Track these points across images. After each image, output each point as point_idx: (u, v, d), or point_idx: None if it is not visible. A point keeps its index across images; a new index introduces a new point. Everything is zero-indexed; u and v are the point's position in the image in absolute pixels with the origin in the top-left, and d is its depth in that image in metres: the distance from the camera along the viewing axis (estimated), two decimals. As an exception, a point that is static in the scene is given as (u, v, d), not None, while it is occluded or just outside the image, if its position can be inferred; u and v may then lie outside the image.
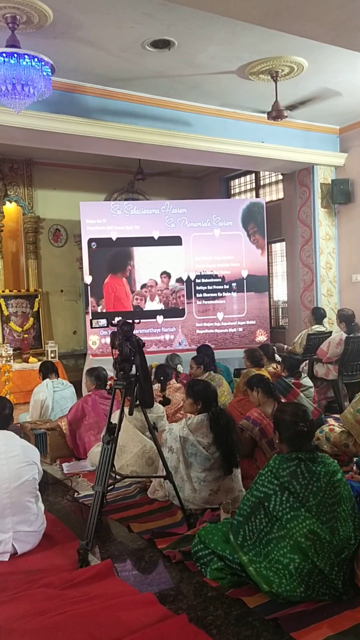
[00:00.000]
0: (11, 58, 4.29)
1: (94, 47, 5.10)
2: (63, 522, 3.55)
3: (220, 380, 5.80)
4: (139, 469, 4.11)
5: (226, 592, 2.59)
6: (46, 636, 2.30)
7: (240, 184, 10.26)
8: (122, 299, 8.07)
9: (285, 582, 2.45)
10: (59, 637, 2.30)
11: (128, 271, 8.06)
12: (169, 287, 8.11)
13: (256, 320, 8.36)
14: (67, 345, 9.16)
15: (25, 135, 6.02)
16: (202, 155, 7.13)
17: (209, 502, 3.52)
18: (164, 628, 2.33)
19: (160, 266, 8.12)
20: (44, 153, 8.14)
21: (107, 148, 6.75)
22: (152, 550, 3.09)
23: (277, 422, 2.81)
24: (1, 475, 3.01)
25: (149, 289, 8.12)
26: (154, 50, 5.21)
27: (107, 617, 2.41)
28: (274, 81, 5.88)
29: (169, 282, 8.10)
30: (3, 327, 8.45)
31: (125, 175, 9.48)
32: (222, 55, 5.37)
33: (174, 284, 8.12)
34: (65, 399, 5.56)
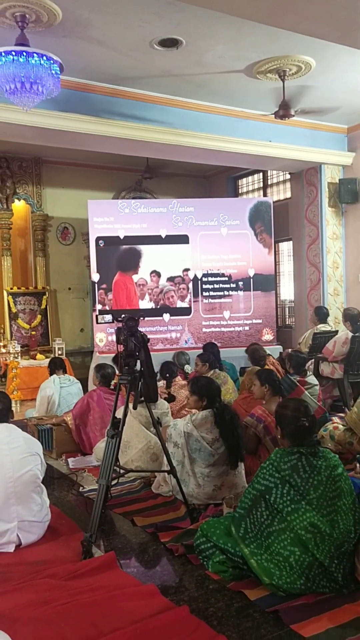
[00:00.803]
0: (20, 56, 4.33)
1: (103, 46, 5.14)
2: (68, 515, 3.59)
3: (225, 378, 5.82)
4: (144, 465, 4.14)
5: (227, 584, 2.61)
6: (50, 625, 2.33)
7: (247, 183, 10.27)
8: (132, 297, 8.11)
9: (286, 574, 2.48)
10: (62, 626, 2.33)
11: (139, 269, 8.10)
12: (158, 286, 8.12)
13: (262, 319, 8.37)
14: (74, 343, 9.22)
15: (34, 133, 6.07)
16: (209, 154, 7.15)
17: (213, 497, 3.55)
18: (165, 619, 2.35)
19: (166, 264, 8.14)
20: (52, 151, 8.21)
21: (115, 146, 6.79)
22: (155, 543, 3.12)
23: (279, 417, 2.84)
24: (5, 465, 3.07)
25: (140, 288, 8.16)
26: (162, 49, 5.24)
27: (109, 607, 2.44)
28: (281, 80, 5.90)
29: (159, 281, 8.13)
30: (11, 324, 8.51)
31: (133, 173, 9.53)
32: (230, 54, 5.40)
33: (164, 282, 8.13)
34: (71, 395, 5.61)
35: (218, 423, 3.61)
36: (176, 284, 8.17)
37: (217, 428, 3.60)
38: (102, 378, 5.05)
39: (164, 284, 8.15)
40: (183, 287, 8.19)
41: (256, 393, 4.31)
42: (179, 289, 8.18)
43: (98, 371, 5.11)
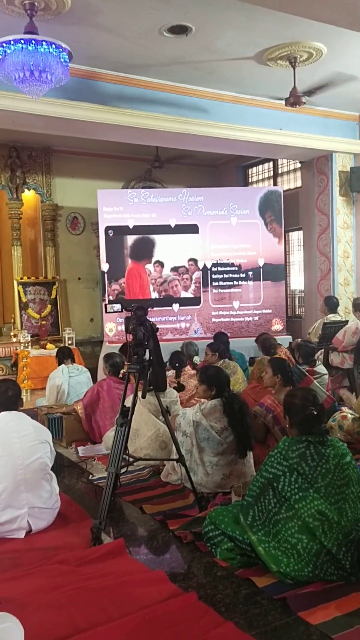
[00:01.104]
0: (29, 45, 4.31)
1: (112, 33, 5.10)
2: (77, 502, 3.62)
3: (235, 367, 5.83)
4: (153, 453, 4.16)
5: (235, 572, 2.63)
6: (60, 610, 2.37)
7: (258, 172, 10.20)
8: (145, 286, 8.11)
9: (294, 561, 2.49)
10: (72, 611, 2.36)
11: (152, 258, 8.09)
12: (162, 276, 8.11)
13: (272, 309, 8.34)
14: (84, 332, 9.25)
15: (43, 122, 6.06)
16: (219, 142, 7.10)
17: (221, 486, 3.56)
18: (173, 604, 2.38)
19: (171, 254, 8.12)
20: (62, 141, 8.19)
21: (124, 135, 6.76)
22: (164, 531, 3.15)
23: (287, 406, 2.84)
24: (15, 453, 3.10)
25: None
26: (171, 37, 5.19)
27: (118, 593, 2.47)
28: (292, 67, 5.83)
29: (162, 271, 8.11)
30: (21, 314, 8.55)
31: (143, 163, 9.49)
32: (240, 41, 5.34)
33: (167, 272, 8.12)
34: (80, 384, 5.65)
35: (227, 412, 3.62)
36: (180, 274, 8.15)
37: (225, 417, 3.61)
38: (111, 367, 5.07)
39: (167, 273, 8.14)
40: (186, 278, 8.16)
41: (267, 381, 4.31)
42: (182, 279, 8.16)
43: (107, 361, 5.13)
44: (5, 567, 2.78)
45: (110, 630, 2.21)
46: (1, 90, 5.28)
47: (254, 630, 2.19)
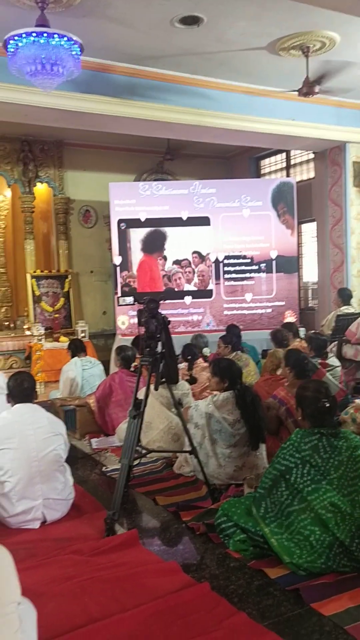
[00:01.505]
0: (41, 37, 4.31)
1: (123, 25, 5.09)
2: (91, 494, 3.65)
3: (247, 360, 5.82)
4: (165, 445, 4.18)
5: (248, 563, 2.64)
6: (73, 600, 2.39)
7: (270, 164, 10.13)
8: (156, 279, 8.11)
9: (306, 553, 2.49)
10: (85, 601, 2.39)
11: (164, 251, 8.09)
12: (164, 269, 8.11)
13: (285, 301, 8.31)
14: (96, 325, 9.29)
15: (55, 115, 6.07)
16: (231, 134, 7.06)
17: (234, 477, 3.57)
18: (186, 595, 2.39)
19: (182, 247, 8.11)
20: (73, 134, 8.19)
21: (136, 128, 6.75)
22: (176, 522, 3.16)
23: (299, 398, 2.83)
24: (29, 445, 3.14)
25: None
26: (183, 27, 5.16)
27: (132, 583, 2.49)
28: (305, 57, 5.77)
29: (165, 264, 8.10)
30: (35, 307, 8.61)
31: (155, 155, 9.47)
32: (252, 31, 5.29)
33: (170, 266, 8.11)
34: (94, 377, 5.68)
35: (239, 404, 3.62)
36: (183, 267, 8.13)
37: (238, 409, 3.61)
38: (122, 360, 5.08)
39: (170, 266, 8.13)
40: (189, 271, 8.14)
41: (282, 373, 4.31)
42: (185, 272, 8.14)
43: (118, 354, 5.15)
44: (20, 557, 2.80)
45: (123, 620, 2.23)
46: (13, 84, 5.28)
47: (267, 621, 2.20)
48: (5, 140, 8.46)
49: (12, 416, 3.22)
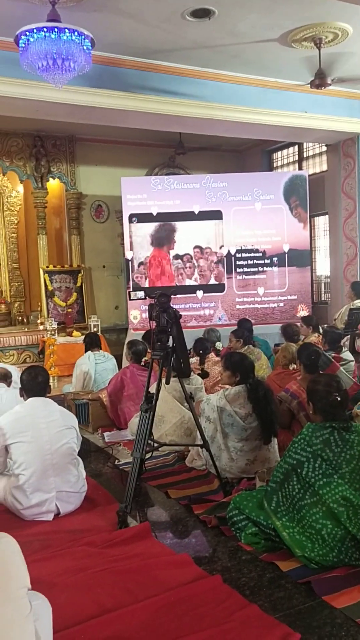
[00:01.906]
0: (52, 32, 4.31)
1: (134, 19, 5.07)
2: (104, 487, 3.68)
3: (259, 354, 5.81)
4: (178, 439, 4.20)
5: (260, 556, 2.65)
6: (86, 591, 2.42)
7: (282, 157, 10.07)
8: (167, 273, 8.11)
9: (318, 547, 2.50)
10: (98, 592, 2.41)
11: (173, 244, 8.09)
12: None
13: (297, 295, 8.28)
14: (109, 320, 9.33)
15: (67, 110, 6.08)
16: (243, 127, 7.03)
17: (246, 471, 3.58)
18: (198, 587, 2.41)
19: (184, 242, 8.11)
20: (85, 129, 8.20)
21: (148, 122, 6.74)
22: (188, 515, 3.18)
23: (310, 392, 2.82)
24: (43, 438, 3.17)
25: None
26: (194, 20, 5.14)
27: (144, 575, 2.51)
28: (317, 48, 5.72)
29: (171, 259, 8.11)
30: (47, 302, 8.66)
31: (166, 149, 9.45)
32: (264, 22, 5.25)
33: (173, 261, 8.10)
34: (107, 371, 5.71)
35: (251, 398, 3.62)
36: (184, 262, 8.12)
37: (250, 403, 3.62)
38: (133, 355, 5.10)
39: (174, 262, 8.14)
40: (190, 266, 8.12)
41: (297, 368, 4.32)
42: (186, 267, 8.13)
43: (130, 348, 5.17)
44: (34, 548, 2.84)
45: (135, 611, 2.25)
46: (25, 80, 5.30)
47: (279, 613, 2.21)
48: (18, 136, 8.50)
49: (25, 410, 3.26)
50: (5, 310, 8.70)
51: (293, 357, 4.87)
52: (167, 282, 8.04)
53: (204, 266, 8.15)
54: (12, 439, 3.15)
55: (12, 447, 3.17)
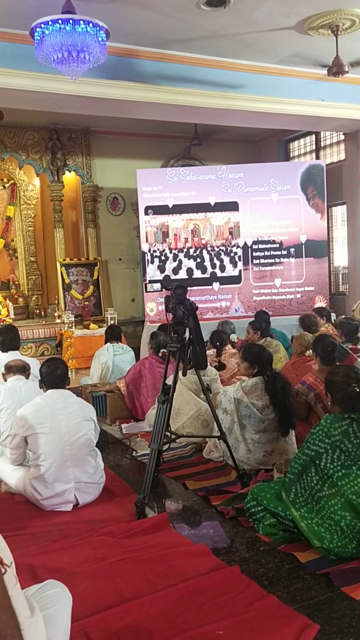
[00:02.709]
0: (67, 24, 4.31)
1: (149, 9, 5.04)
2: (122, 478, 3.71)
3: (277, 346, 5.78)
4: (195, 431, 4.20)
5: (278, 547, 2.65)
6: (106, 580, 2.45)
7: (299, 146, 9.97)
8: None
9: (337, 538, 2.48)
10: (117, 581, 2.44)
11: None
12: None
13: (315, 286, 8.21)
14: (125, 313, 9.36)
15: (82, 103, 6.08)
16: (259, 117, 6.97)
17: (263, 463, 3.57)
18: (216, 577, 2.42)
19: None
20: (101, 121, 8.20)
21: (164, 113, 6.71)
22: (206, 506, 3.19)
23: (328, 383, 2.80)
24: (61, 429, 3.20)
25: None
26: (209, 9, 5.09)
27: (162, 565, 2.53)
28: (334, 35, 5.64)
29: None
30: (65, 295, 8.71)
31: (182, 141, 9.42)
32: (280, 10, 5.19)
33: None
34: (124, 363, 5.74)
35: (269, 390, 3.61)
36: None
37: (267, 395, 3.60)
38: (154, 345, 5.11)
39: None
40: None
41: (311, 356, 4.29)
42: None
43: (153, 338, 5.18)
44: (54, 538, 2.88)
45: (154, 600, 2.27)
46: (40, 72, 5.31)
47: (297, 604, 2.21)
48: (34, 129, 8.54)
49: (44, 402, 3.29)
50: (23, 304, 8.78)
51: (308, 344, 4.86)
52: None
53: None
54: (32, 430, 3.19)
55: (32, 438, 3.20)
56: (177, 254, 8.09)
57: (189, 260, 8.13)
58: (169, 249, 8.01)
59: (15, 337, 4.80)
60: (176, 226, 8.04)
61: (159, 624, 2.12)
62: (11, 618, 0.93)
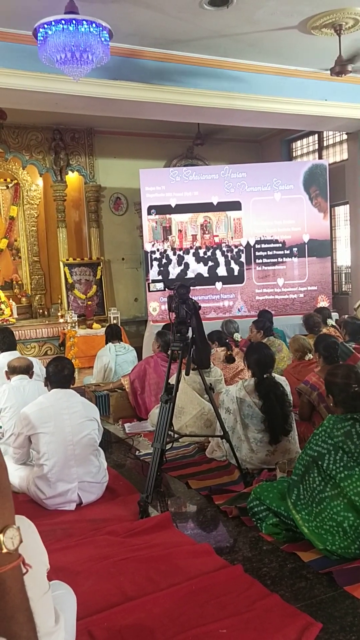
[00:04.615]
0: (70, 25, 4.32)
1: (151, 9, 5.05)
2: (125, 477, 3.72)
3: (280, 345, 5.79)
4: (198, 430, 4.21)
5: (281, 546, 2.65)
6: (109, 579, 2.45)
7: (302, 146, 9.96)
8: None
9: (339, 539, 2.48)
10: (120, 580, 2.45)
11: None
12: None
13: (318, 286, 8.21)
14: (128, 312, 9.37)
15: (85, 103, 6.09)
16: (262, 116, 6.97)
17: (266, 462, 3.58)
18: (220, 576, 2.43)
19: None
20: (104, 121, 8.21)
21: (166, 113, 6.72)
22: (209, 505, 3.20)
23: (328, 385, 2.79)
24: (65, 429, 3.21)
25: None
26: (212, 9, 5.10)
27: (166, 564, 2.54)
28: (337, 35, 5.63)
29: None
30: (68, 295, 8.73)
31: (185, 140, 9.43)
32: (282, 9, 5.19)
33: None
34: (127, 363, 5.74)
35: (261, 395, 3.58)
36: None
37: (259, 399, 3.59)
38: (163, 344, 5.11)
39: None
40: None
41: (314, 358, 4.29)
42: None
43: (161, 337, 5.18)
44: (58, 537, 2.89)
45: (158, 599, 2.27)
46: (44, 73, 5.32)
47: (300, 603, 2.22)
48: (37, 129, 8.55)
49: (48, 401, 3.30)
50: (26, 303, 8.80)
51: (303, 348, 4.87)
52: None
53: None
54: (35, 429, 3.20)
55: (35, 438, 3.22)
56: (183, 256, 8.04)
57: (199, 263, 8.04)
58: (172, 248, 7.98)
59: (12, 336, 4.87)
60: (181, 220, 7.96)
61: (162, 623, 2.13)
62: (28, 620, 0.93)
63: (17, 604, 0.91)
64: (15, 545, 0.91)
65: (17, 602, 0.91)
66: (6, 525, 0.91)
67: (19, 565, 0.92)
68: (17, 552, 0.92)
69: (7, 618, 0.90)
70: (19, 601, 0.91)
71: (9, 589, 0.90)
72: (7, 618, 0.90)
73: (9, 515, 0.93)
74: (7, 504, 0.93)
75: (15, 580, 0.91)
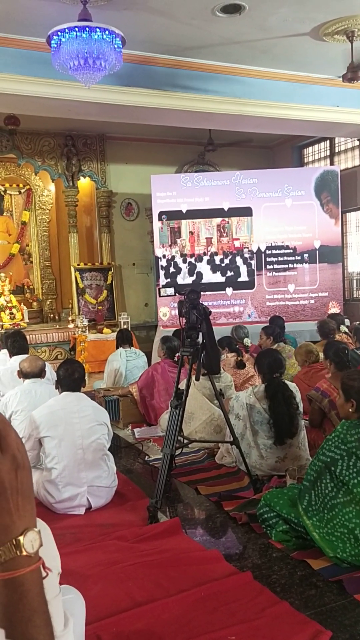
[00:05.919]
0: (83, 32, 4.35)
1: (164, 16, 5.08)
2: (134, 482, 3.71)
3: (290, 352, 5.76)
4: (207, 436, 4.20)
5: (291, 553, 2.63)
6: (118, 584, 2.45)
7: (314, 152, 9.96)
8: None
9: (350, 547, 2.46)
10: (129, 585, 2.44)
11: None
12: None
13: (329, 292, 8.18)
14: (139, 317, 9.38)
15: (98, 109, 6.13)
16: (273, 123, 6.97)
17: (276, 469, 3.56)
18: (229, 583, 2.41)
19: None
20: (116, 127, 8.26)
21: (178, 119, 6.74)
22: (219, 511, 3.18)
23: (347, 389, 2.75)
24: (75, 433, 3.22)
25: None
26: (224, 16, 5.12)
27: (175, 570, 2.53)
28: (349, 41, 5.63)
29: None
30: (78, 299, 8.76)
31: (196, 146, 9.45)
32: (295, 16, 5.20)
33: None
34: (137, 368, 5.74)
35: (268, 396, 3.57)
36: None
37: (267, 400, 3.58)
38: (167, 350, 5.11)
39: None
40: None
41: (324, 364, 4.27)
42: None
43: (164, 343, 5.19)
44: (67, 541, 2.89)
45: (167, 604, 2.27)
46: (57, 80, 5.37)
47: (310, 611, 2.20)
48: (49, 135, 8.62)
49: (58, 404, 3.31)
50: (37, 308, 8.85)
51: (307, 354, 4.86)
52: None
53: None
54: (45, 432, 3.21)
55: (45, 441, 3.22)
56: (195, 264, 7.98)
57: (215, 273, 7.95)
58: (182, 254, 7.99)
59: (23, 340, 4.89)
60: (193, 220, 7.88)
61: (171, 629, 2.12)
62: (46, 624, 0.93)
63: (34, 607, 0.91)
64: (35, 548, 0.91)
65: (34, 605, 0.91)
66: (27, 527, 0.91)
67: (39, 568, 0.92)
68: (37, 555, 0.92)
69: (24, 620, 0.90)
70: (37, 604, 0.91)
71: (27, 591, 0.90)
72: (24, 620, 0.90)
73: (30, 517, 0.93)
74: (29, 506, 0.93)
75: (34, 583, 0.91)
